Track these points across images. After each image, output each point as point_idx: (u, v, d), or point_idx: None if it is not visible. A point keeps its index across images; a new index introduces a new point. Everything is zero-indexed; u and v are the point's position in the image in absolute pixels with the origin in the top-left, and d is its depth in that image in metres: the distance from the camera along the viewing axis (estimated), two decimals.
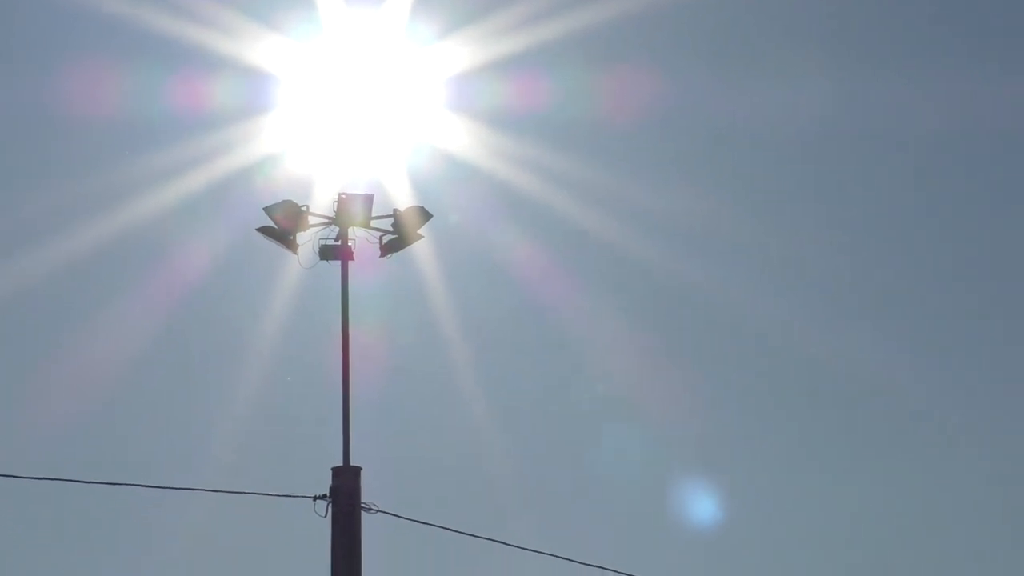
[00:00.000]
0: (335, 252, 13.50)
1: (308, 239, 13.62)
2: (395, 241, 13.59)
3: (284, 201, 13.55)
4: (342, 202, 13.52)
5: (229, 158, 17.55)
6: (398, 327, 16.78)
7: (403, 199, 14.11)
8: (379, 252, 13.64)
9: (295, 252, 13.58)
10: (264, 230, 13.64)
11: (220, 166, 17.82)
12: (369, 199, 13.55)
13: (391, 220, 13.64)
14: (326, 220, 13.62)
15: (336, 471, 13.00)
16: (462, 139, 16.79)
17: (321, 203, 13.82)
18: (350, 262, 13.51)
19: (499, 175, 18.23)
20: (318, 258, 13.61)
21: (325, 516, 12.87)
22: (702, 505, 25.98)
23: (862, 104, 30.64)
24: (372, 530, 13.33)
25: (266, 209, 13.58)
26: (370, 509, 12.93)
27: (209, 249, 20.11)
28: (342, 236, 13.48)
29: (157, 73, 21.08)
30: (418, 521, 13.38)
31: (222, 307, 20.96)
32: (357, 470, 13.04)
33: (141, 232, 21.22)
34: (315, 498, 12.87)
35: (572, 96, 24.01)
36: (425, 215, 13.69)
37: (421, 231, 13.64)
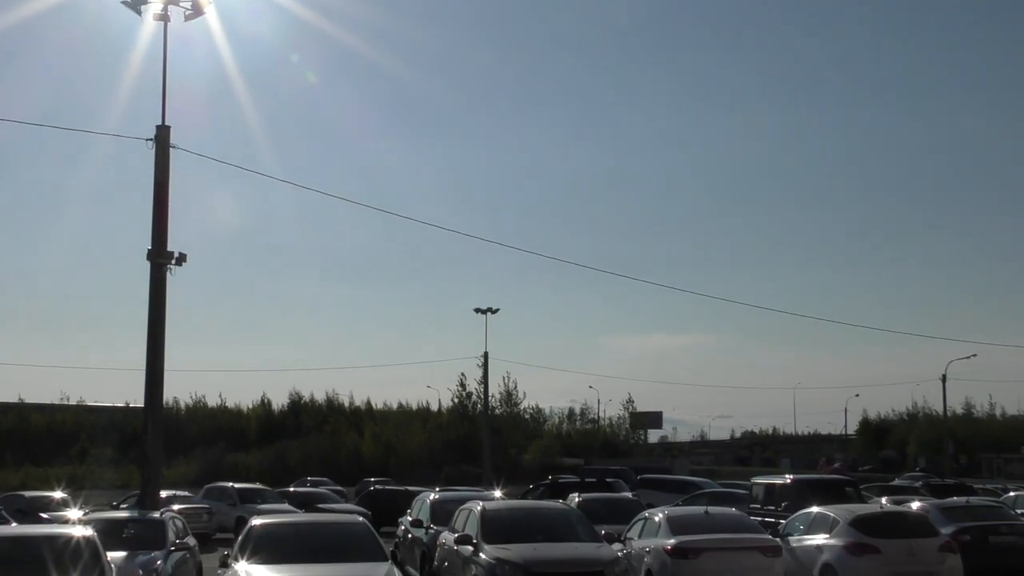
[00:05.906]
0: (161, 17, 25.97)
1: (148, 10, 26.09)
2: (192, 13, 26.19)
3: None
4: None
5: None
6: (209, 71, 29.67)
7: None
8: (184, 18, 26.26)
9: (140, 15, 26.07)
10: (124, 3, 26.05)
11: None
12: None
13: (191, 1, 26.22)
14: None
15: (158, 128, 25.66)
16: None
17: None
18: (168, 23, 25.90)
19: None
20: (153, 20, 26.13)
21: (151, 150, 25.76)
22: None
23: None
24: (183, 169, 26.34)
25: None
26: (175, 147, 25.87)
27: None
28: (164, 8, 25.89)
29: None
30: (206, 156, 26.62)
31: (101, 47, 33.32)
32: (168, 127, 25.75)
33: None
34: (147, 140, 25.61)
35: None
36: None
37: (206, 9, 26.31)
